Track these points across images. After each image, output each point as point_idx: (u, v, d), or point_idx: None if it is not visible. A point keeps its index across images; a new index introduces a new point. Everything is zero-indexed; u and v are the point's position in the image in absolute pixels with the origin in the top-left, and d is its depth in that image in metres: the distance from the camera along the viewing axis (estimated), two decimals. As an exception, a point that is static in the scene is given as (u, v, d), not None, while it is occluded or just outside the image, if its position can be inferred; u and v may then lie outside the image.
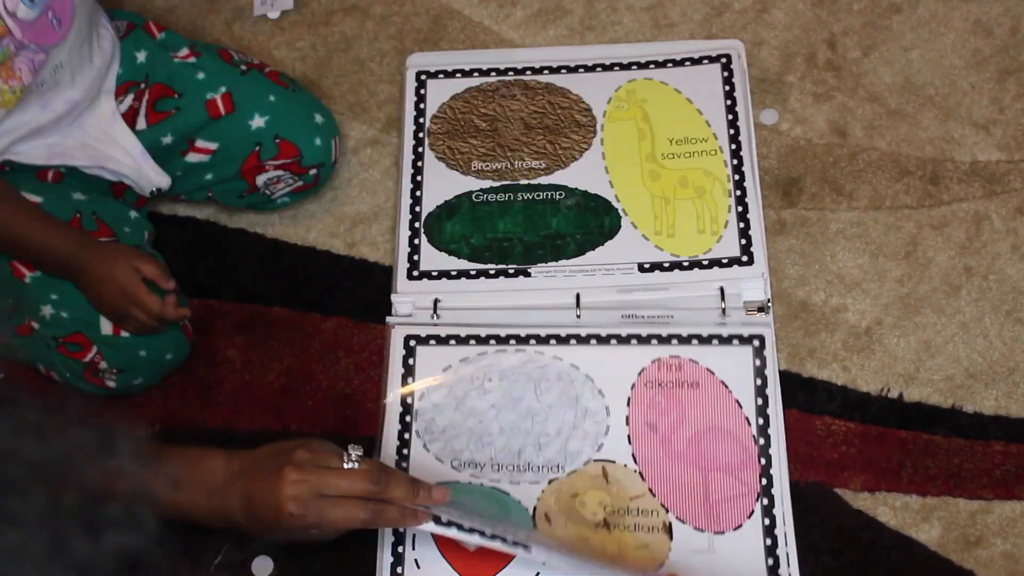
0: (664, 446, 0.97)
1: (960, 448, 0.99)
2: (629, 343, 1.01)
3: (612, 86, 1.14)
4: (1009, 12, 1.17)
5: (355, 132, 1.16)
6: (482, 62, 1.16)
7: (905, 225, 1.08)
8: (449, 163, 1.11)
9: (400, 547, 0.94)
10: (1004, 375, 1.02)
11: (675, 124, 1.11)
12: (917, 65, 1.16)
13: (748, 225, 1.05)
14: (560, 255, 1.06)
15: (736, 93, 1.11)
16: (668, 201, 1.08)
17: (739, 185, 1.07)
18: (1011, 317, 1.04)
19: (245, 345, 1.07)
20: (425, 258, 1.06)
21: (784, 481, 0.96)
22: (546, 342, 1.01)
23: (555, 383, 1.00)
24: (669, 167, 1.09)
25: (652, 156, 1.10)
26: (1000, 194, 1.09)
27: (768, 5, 1.19)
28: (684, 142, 1.10)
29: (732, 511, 0.95)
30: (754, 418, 0.98)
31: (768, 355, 1.00)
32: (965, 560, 0.95)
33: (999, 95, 1.14)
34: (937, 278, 1.06)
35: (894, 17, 1.18)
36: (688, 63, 1.14)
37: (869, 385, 1.02)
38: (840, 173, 1.11)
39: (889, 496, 0.98)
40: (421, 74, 1.15)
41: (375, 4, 1.22)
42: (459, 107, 1.14)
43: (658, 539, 0.94)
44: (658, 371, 1.00)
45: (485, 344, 1.02)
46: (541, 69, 1.15)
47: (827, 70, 1.16)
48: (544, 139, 1.11)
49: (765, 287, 1.02)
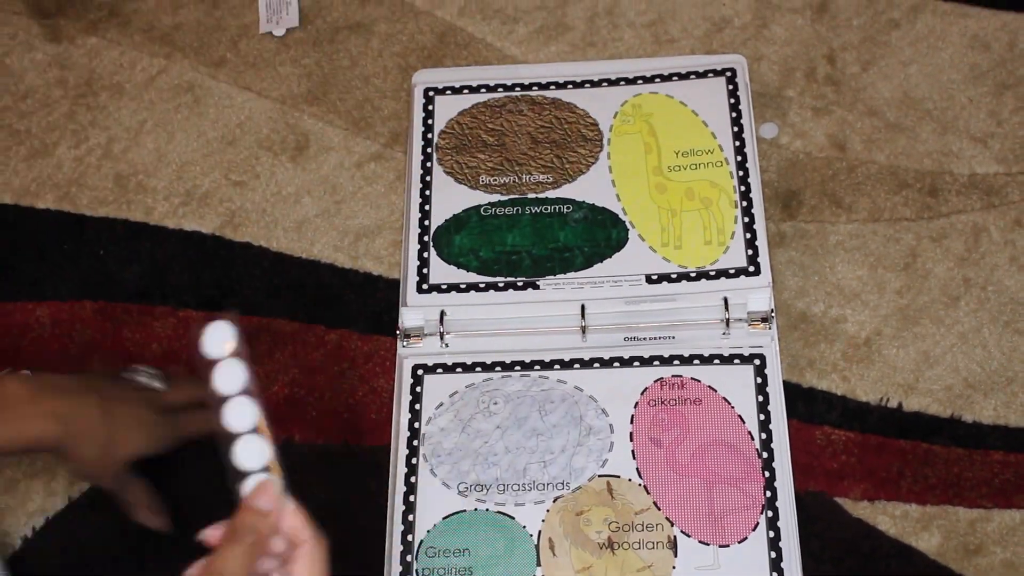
0: (668, 460, 0.98)
1: (959, 457, 1.00)
2: (632, 365, 1.02)
3: (618, 100, 1.15)
4: (1006, 27, 1.19)
5: (359, 147, 1.17)
6: (489, 78, 1.17)
7: (904, 237, 1.09)
8: (457, 177, 1.12)
9: (408, 556, 0.95)
10: (1003, 385, 1.03)
11: (681, 137, 1.12)
12: (915, 79, 1.17)
13: (754, 236, 1.06)
14: (568, 267, 1.07)
15: (741, 105, 1.13)
16: (675, 213, 1.09)
17: (745, 196, 1.08)
18: (1009, 327, 1.05)
19: (249, 357, 1.07)
20: (435, 271, 1.07)
21: (789, 494, 0.96)
22: (550, 367, 1.03)
23: (559, 404, 1.01)
24: (675, 179, 1.10)
25: (659, 169, 1.11)
26: (998, 206, 1.10)
27: (768, 21, 1.21)
28: (690, 154, 1.11)
29: (737, 524, 0.95)
30: (757, 432, 0.98)
31: (770, 372, 1.01)
32: (965, 568, 0.96)
33: (997, 108, 1.15)
34: (936, 289, 1.07)
35: (893, 32, 1.19)
36: (693, 76, 1.15)
37: (868, 395, 1.03)
38: (839, 186, 1.12)
39: (889, 505, 0.99)
40: (429, 90, 1.17)
41: (380, 22, 1.24)
42: (466, 122, 1.15)
43: (663, 556, 0.94)
44: (661, 390, 1.01)
45: (491, 371, 1.03)
46: (548, 84, 1.16)
47: (826, 85, 1.17)
48: (551, 153, 1.13)
49: (771, 297, 1.03)
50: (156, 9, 1.26)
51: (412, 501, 0.98)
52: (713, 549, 0.95)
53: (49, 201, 1.17)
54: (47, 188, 1.17)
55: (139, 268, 1.13)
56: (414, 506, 0.97)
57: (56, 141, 1.20)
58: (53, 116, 1.21)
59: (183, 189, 1.17)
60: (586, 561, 0.95)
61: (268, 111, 1.20)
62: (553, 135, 1.14)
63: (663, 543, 0.95)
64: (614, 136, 1.13)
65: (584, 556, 0.95)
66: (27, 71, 1.24)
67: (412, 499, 0.98)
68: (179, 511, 0.99)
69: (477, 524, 0.97)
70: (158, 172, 1.18)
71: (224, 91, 1.21)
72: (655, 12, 1.22)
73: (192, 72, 1.22)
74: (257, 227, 1.14)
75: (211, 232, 1.14)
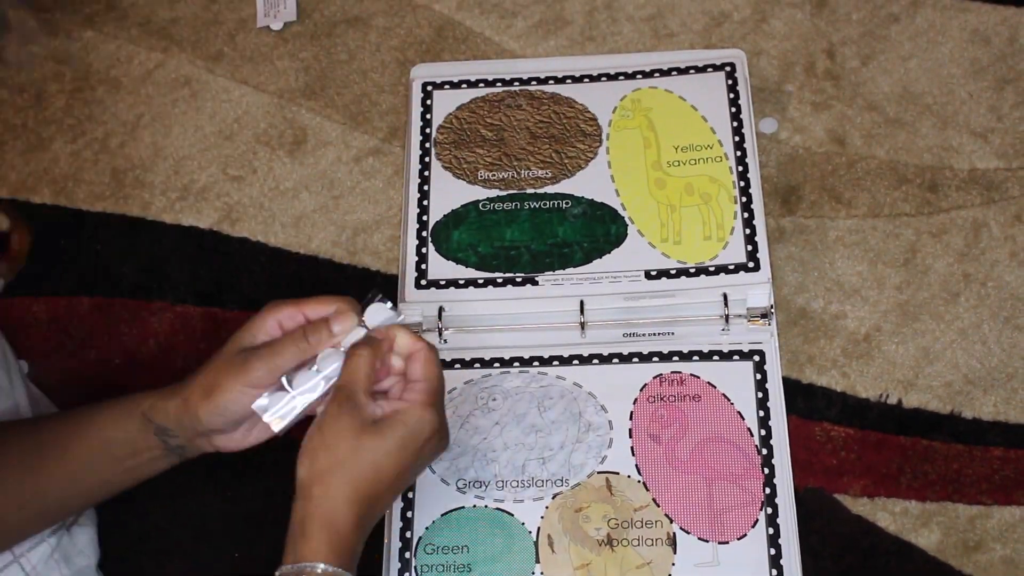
0: (667, 457, 0.98)
1: (959, 454, 1.00)
2: (631, 361, 1.02)
3: (617, 95, 1.15)
4: (1007, 21, 1.18)
5: (357, 142, 1.17)
6: (487, 72, 1.17)
7: (904, 232, 1.09)
8: (456, 172, 1.12)
9: (407, 552, 0.95)
10: (1003, 381, 1.03)
11: (680, 132, 1.12)
12: (915, 74, 1.16)
13: (754, 231, 1.06)
14: (567, 263, 1.07)
15: (740, 100, 1.12)
16: (674, 208, 1.09)
17: (744, 191, 1.08)
18: (1009, 323, 1.05)
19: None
20: (433, 267, 1.07)
21: (788, 491, 0.96)
22: (549, 363, 1.02)
23: (558, 400, 1.01)
24: (675, 174, 1.10)
25: (658, 164, 1.11)
26: (998, 201, 1.10)
27: (767, 15, 1.20)
28: (689, 149, 1.11)
29: (736, 520, 0.95)
30: (756, 429, 0.98)
31: (769, 368, 1.01)
32: (964, 565, 0.96)
33: (997, 103, 1.14)
34: (936, 285, 1.07)
35: (892, 27, 1.19)
36: (692, 71, 1.15)
37: (868, 391, 1.03)
38: (839, 181, 1.12)
39: (888, 501, 0.99)
40: (427, 85, 1.16)
41: (377, 16, 1.23)
42: (465, 117, 1.15)
43: (662, 553, 0.94)
44: (660, 386, 1.01)
45: (489, 367, 1.03)
46: (547, 79, 1.16)
47: (826, 79, 1.17)
48: (550, 148, 1.12)
49: (770, 292, 1.03)
50: (153, 3, 1.25)
51: (411, 498, 0.98)
52: (712, 546, 0.94)
53: (46, 196, 1.17)
54: (44, 183, 1.17)
55: (136, 263, 1.13)
56: (412, 503, 0.97)
57: (52, 135, 1.19)
58: (50, 110, 1.21)
59: (180, 184, 1.16)
60: (585, 558, 0.95)
61: (266, 105, 1.19)
62: (552, 130, 1.13)
63: (662, 540, 0.95)
64: (613, 131, 1.13)
65: (583, 553, 0.95)
66: (23, 65, 1.23)
67: (411, 495, 0.98)
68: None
69: (476, 521, 0.97)
70: (155, 167, 1.17)
71: (221, 85, 1.21)
72: (654, 6, 1.22)
73: (189, 66, 1.22)
74: (255, 222, 1.14)
75: (209, 227, 1.14)
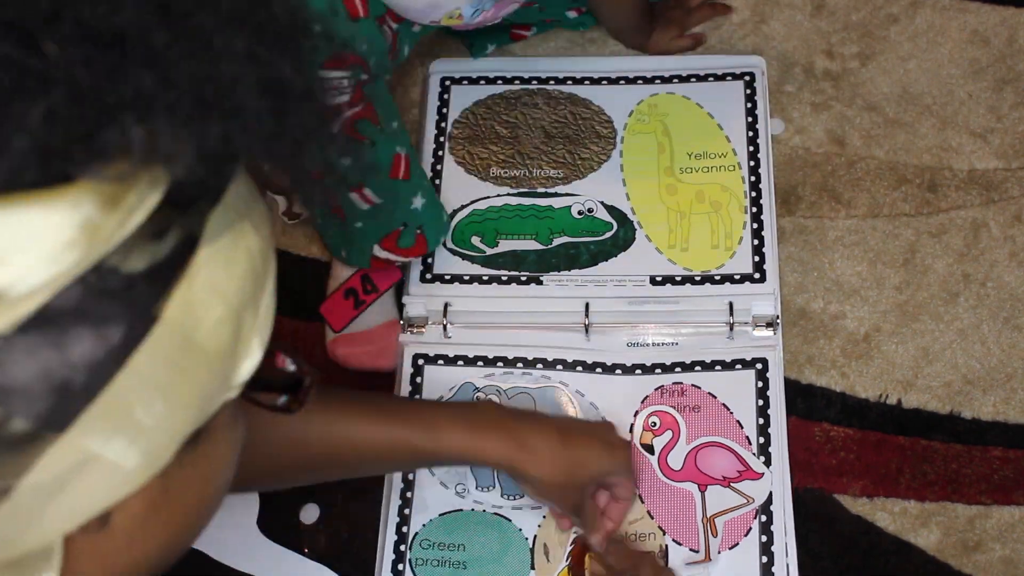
0: (661, 468, 0.98)
1: (958, 454, 1.00)
2: (634, 373, 1.01)
3: (635, 99, 1.14)
4: (1006, 22, 1.18)
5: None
6: (506, 70, 1.17)
7: (903, 233, 1.09)
8: (468, 168, 1.12)
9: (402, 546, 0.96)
10: (1002, 381, 1.02)
11: (695, 139, 1.11)
12: (915, 75, 1.16)
13: (762, 242, 1.06)
14: (573, 264, 1.06)
15: (757, 110, 1.12)
16: (684, 215, 1.08)
17: (755, 202, 1.08)
18: (1009, 324, 1.05)
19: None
20: (439, 261, 1.07)
21: (784, 498, 0.96)
22: (553, 367, 1.02)
23: (560, 409, 1.01)
24: (686, 181, 1.10)
25: (670, 170, 1.10)
26: (998, 202, 1.10)
27: (767, 16, 1.20)
28: (703, 156, 1.11)
29: (729, 530, 0.95)
30: (755, 437, 0.98)
31: (772, 376, 1.00)
32: (964, 565, 0.96)
33: (996, 104, 1.14)
34: (935, 285, 1.07)
35: (892, 27, 1.19)
36: (712, 79, 1.15)
37: (867, 391, 1.03)
38: (839, 181, 1.12)
39: (888, 502, 0.98)
40: (446, 79, 1.16)
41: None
42: (481, 113, 1.15)
43: None
44: (661, 397, 1.01)
45: (492, 366, 1.03)
46: (565, 79, 1.16)
47: (825, 80, 1.17)
48: (564, 149, 1.12)
49: (776, 304, 1.03)
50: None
51: (409, 497, 0.98)
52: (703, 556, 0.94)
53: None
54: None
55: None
56: (411, 501, 0.97)
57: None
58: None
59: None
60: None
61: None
62: (567, 130, 1.13)
63: (655, 552, 0.95)
64: (628, 135, 1.13)
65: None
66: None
67: (409, 495, 0.98)
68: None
69: (473, 523, 0.97)
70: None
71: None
72: (654, 7, 1.22)
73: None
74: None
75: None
